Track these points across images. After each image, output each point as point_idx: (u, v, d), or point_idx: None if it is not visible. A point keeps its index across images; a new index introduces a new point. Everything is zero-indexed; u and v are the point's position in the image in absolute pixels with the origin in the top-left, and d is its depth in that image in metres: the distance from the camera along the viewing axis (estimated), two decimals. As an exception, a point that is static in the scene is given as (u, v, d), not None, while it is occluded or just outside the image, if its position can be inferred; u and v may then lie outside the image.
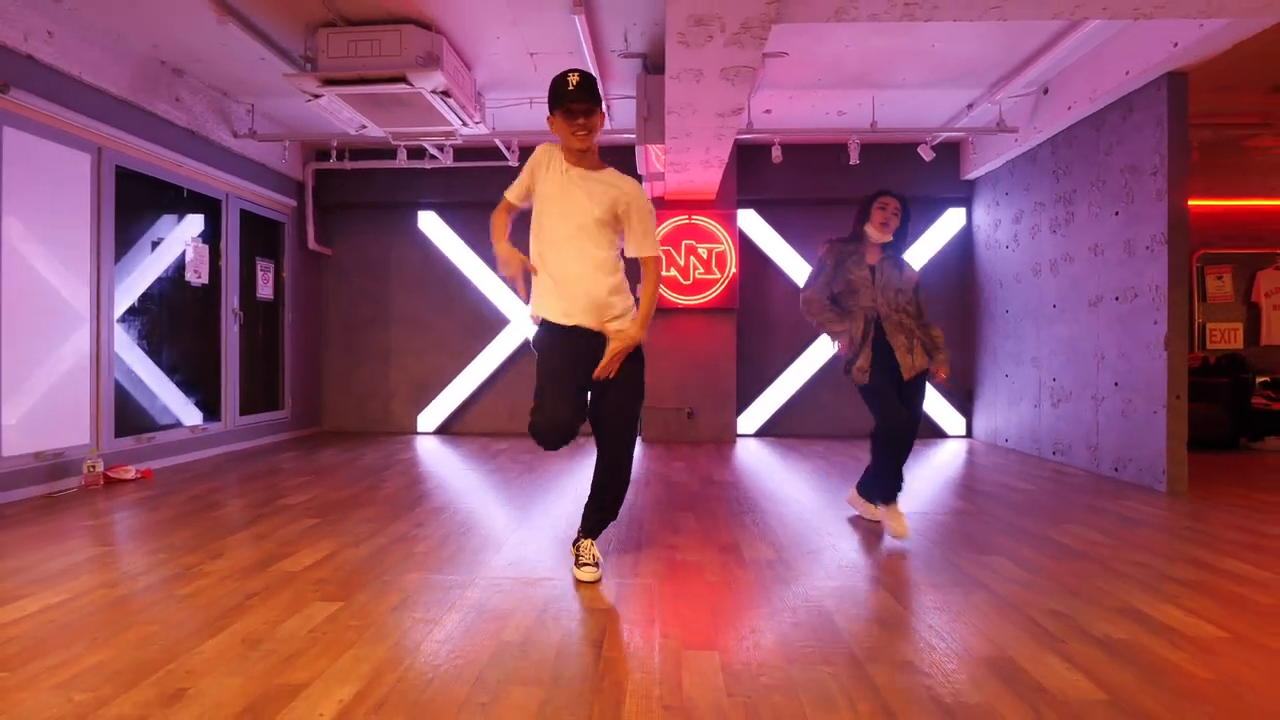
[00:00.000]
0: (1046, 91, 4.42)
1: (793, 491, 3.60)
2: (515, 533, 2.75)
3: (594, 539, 2.26)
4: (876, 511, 2.97)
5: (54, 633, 1.75)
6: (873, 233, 2.76)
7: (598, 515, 2.25)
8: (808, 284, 2.85)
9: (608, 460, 2.19)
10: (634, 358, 2.17)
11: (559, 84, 2.04)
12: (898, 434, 2.68)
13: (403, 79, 3.58)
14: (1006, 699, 1.44)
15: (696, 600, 2.02)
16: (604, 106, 2.08)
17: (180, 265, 4.53)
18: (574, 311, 2.11)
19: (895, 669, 1.57)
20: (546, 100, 2.10)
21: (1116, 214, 3.94)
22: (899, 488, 2.71)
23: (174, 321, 4.55)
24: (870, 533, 2.78)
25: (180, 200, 4.53)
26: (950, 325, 5.81)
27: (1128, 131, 3.82)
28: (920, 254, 5.77)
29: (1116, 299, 3.94)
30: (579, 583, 2.16)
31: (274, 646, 1.67)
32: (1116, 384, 3.94)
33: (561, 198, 2.11)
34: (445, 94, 3.78)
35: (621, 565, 2.33)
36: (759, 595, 2.06)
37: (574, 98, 2.01)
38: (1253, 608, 1.97)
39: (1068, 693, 1.47)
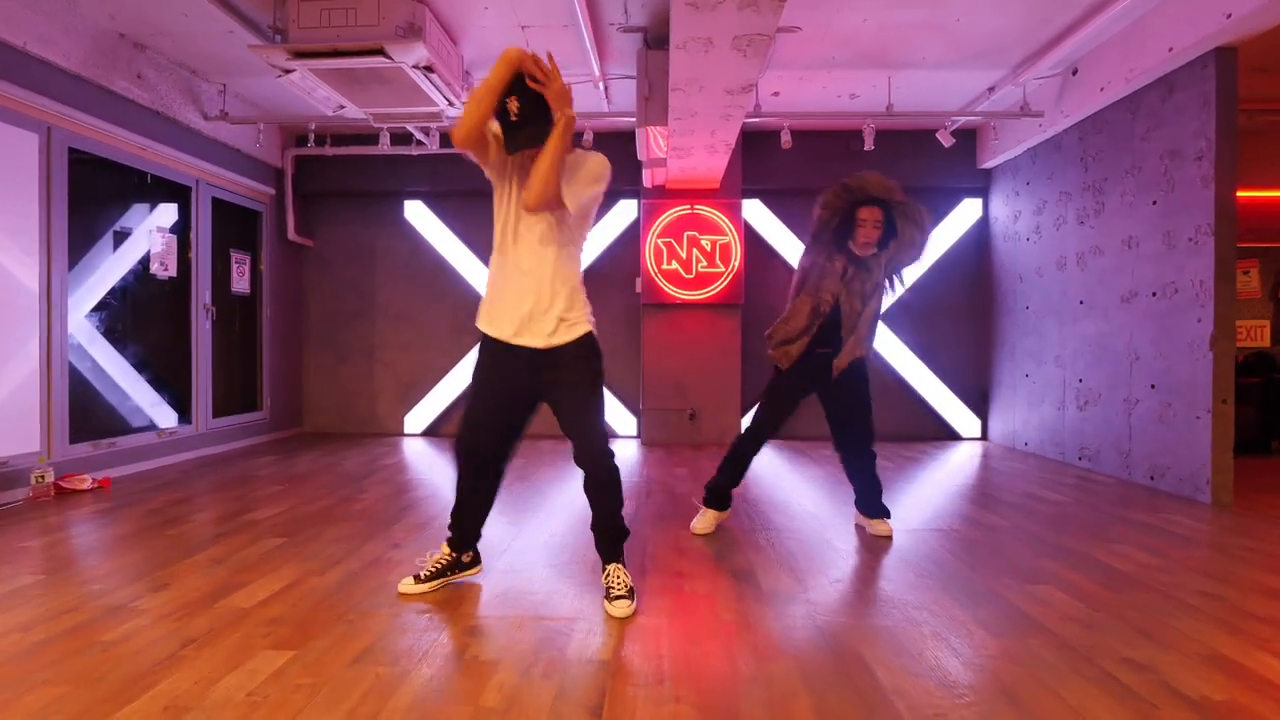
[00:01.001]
0: (1075, 72, 4.13)
1: (806, 503, 3.32)
2: (504, 555, 2.46)
3: (620, 562, 2.02)
4: (883, 526, 2.76)
5: (-60, 697, 1.45)
6: (856, 250, 2.64)
7: (608, 537, 2.02)
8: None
9: (585, 473, 2.01)
10: (584, 353, 1.96)
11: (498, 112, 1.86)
12: (760, 441, 2.75)
13: (381, 51, 3.26)
14: (1106, 793, 1.16)
15: (711, 646, 1.73)
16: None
17: (145, 257, 4.20)
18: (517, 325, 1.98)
19: (960, 746, 1.29)
20: None
21: (1154, 203, 3.66)
22: (728, 499, 2.80)
23: (140, 318, 4.23)
24: (898, 557, 2.50)
25: (145, 187, 4.20)
26: (965, 322, 5.54)
27: (1169, 113, 3.53)
28: (934, 247, 5.48)
29: (1153, 295, 3.66)
30: (610, 618, 1.91)
31: (203, 716, 1.37)
32: (1153, 386, 3.67)
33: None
34: (428, 69, 3.46)
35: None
36: (784, 640, 1.77)
37: (511, 131, 1.85)
38: (1357, 654, 1.69)
39: (1178, 782, 1.19)
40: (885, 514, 2.80)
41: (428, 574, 2.10)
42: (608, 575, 2.01)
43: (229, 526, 2.81)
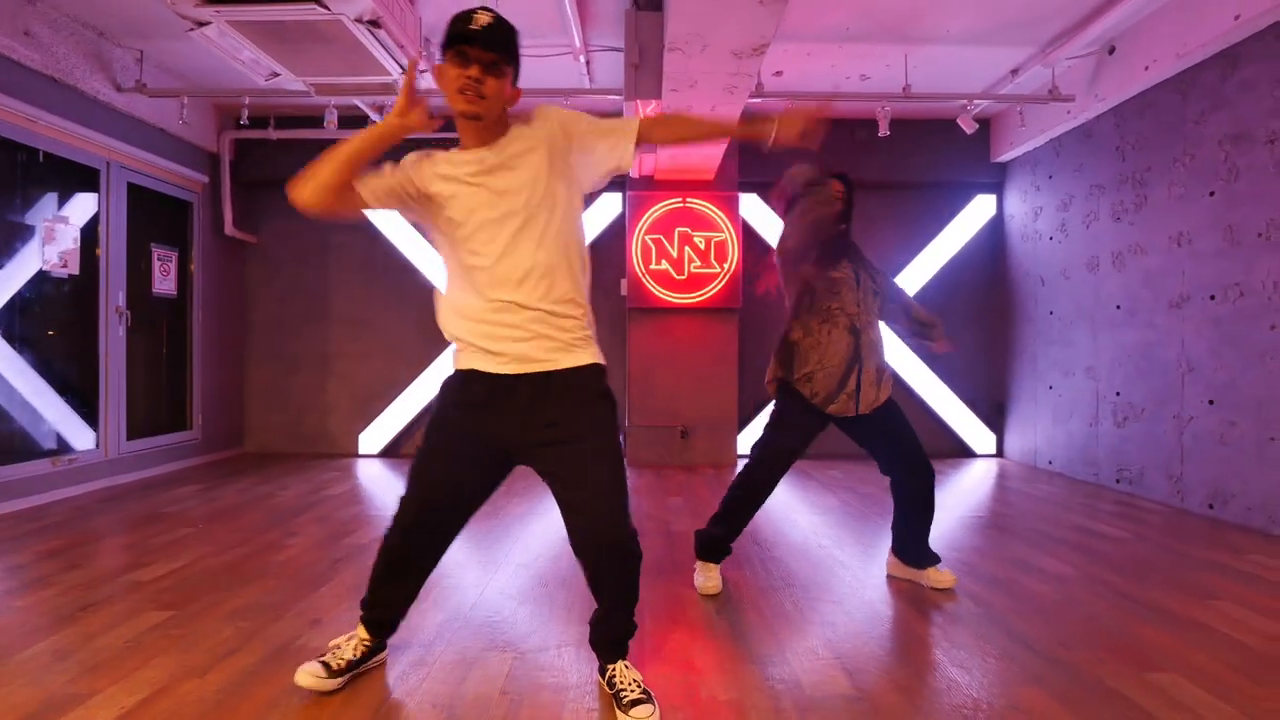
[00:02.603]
0: (1113, 51, 3.71)
1: (830, 545, 2.79)
2: (455, 634, 1.88)
3: (625, 658, 1.52)
4: (939, 577, 2.26)
5: None
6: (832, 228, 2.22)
7: (609, 631, 1.53)
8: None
9: (604, 562, 1.46)
10: (601, 397, 1.47)
11: (459, 19, 1.36)
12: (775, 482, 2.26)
13: (315, 0, 2.67)
14: None
15: (751, 805, 1.18)
16: (516, 73, 1.45)
17: (40, 252, 3.53)
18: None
19: None
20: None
21: (1211, 194, 3.23)
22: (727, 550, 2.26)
23: (27, 322, 3.54)
24: (962, 627, 1.98)
25: (35, 168, 3.52)
26: (976, 329, 5.10)
27: (1231, 93, 3.11)
28: (944, 248, 5.04)
29: (1212, 298, 3.23)
30: None
31: None
32: (1211, 402, 3.23)
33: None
34: (374, 24, 2.87)
35: (614, 713, 1.48)
36: (852, 786, 1.23)
37: (472, 37, 1.34)
38: None
39: None
40: (936, 559, 2.29)
41: (339, 665, 1.54)
42: (612, 676, 1.48)
43: (103, 592, 2.18)
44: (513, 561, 2.53)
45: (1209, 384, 3.25)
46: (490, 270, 1.41)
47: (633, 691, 1.43)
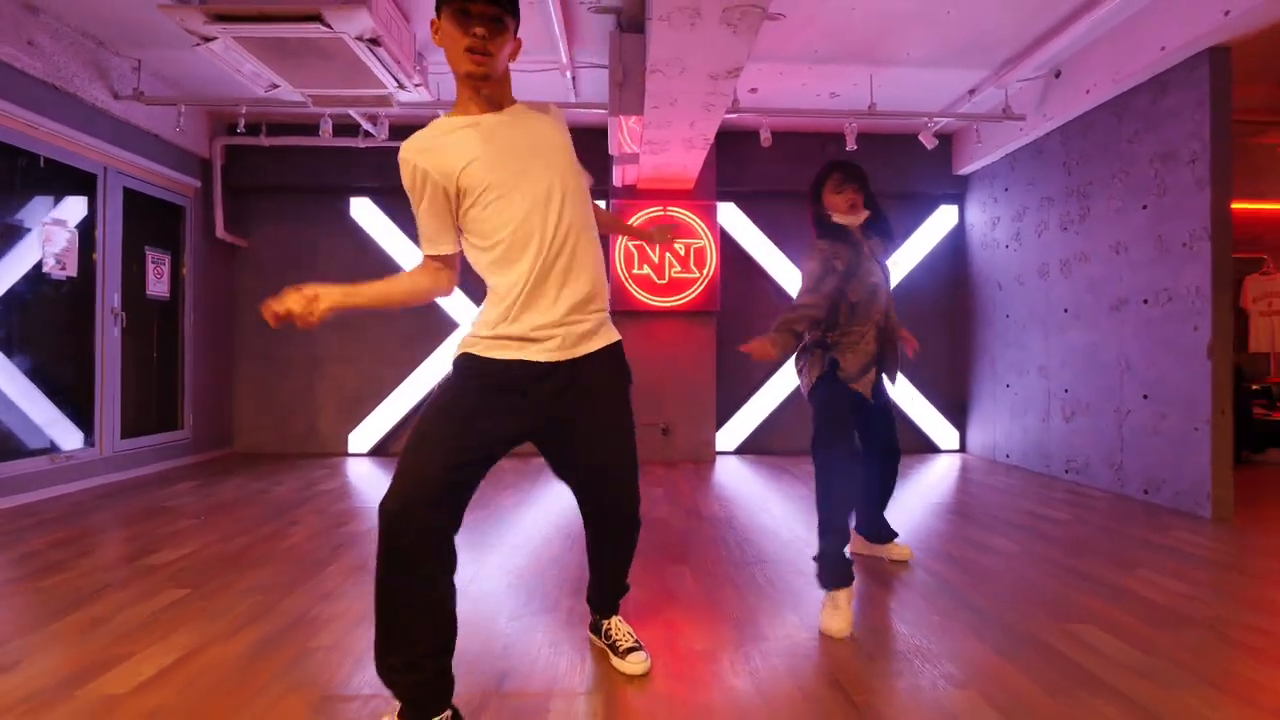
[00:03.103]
0: (1058, 75, 4.03)
1: (798, 529, 3.02)
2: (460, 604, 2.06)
3: (618, 614, 1.72)
4: (898, 550, 2.52)
5: None
6: (844, 219, 2.16)
7: (607, 592, 1.71)
8: (809, 289, 2.07)
9: (615, 526, 1.61)
10: (621, 381, 1.57)
11: None
12: (854, 465, 2.10)
13: (317, 18, 2.84)
14: None
15: (723, 727, 1.39)
16: (517, 24, 1.38)
17: (39, 254, 3.62)
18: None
19: None
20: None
21: (1144, 208, 3.55)
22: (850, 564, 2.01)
23: (30, 324, 3.63)
24: (912, 592, 2.22)
25: (36, 172, 3.62)
26: (940, 331, 5.40)
27: (1159, 116, 3.43)
28: (910, 255, 5.34)
29: (1145, 302, 3.54)
30: (629, 676, 1.58)
31: None
32: (1146, 396, 3.54)
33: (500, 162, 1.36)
34: (374, 42, 3.05)
35: (606, 665, 1.68)
36: (805, 712, 1.44)
37: None
38: None
39: None
40: (894, 534, 2.54)
41: None
42: (607, 630, 1.68)
43: (119, 575, 2.32)
44: (506, 543, 2.72)
45: (1143, 380, 3.55)
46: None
47: (627, 641, 1.63)
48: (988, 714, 1.44)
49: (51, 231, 3.69)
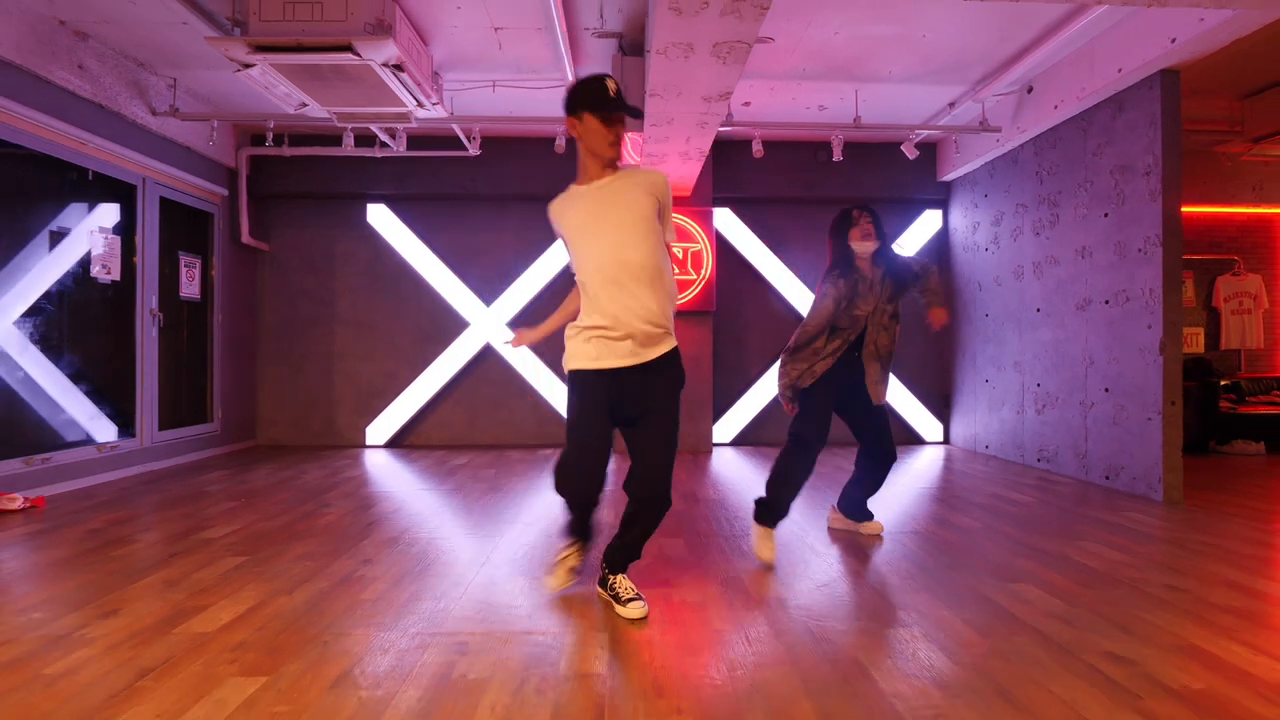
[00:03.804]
0: (1031, 90, 4.32)
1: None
2: (483, 568, 2.37)
3: (625, 573, 2.04)
4: (871, 525, 2.83)
5: None
6: (859, 247, 2.60)
7: (623, 553, 2.03)
8: (816, 313, 2.59)
9: (648, 493, 1.95)
10: (674, 380, 1.98)
11: (598, 89, 1.87)
12: (812, 454, 2.55)
13: (349, 48, 3.15)
14: (1111, 789, 1.17)
15: (707, 657, 1.69)
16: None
17: (85, 259, 3.94)
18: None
19: (966, 749, 1.29)
20: (570, 102, 1.91)
21: (1106, 215, 3.84)
22: (783, 513, 2.57)
23: (79, 324, 3.95)
24: (879, 560, 2.52)
25: (85, 184, 3.94)
26: (927, 329, 5.68)
27: (1119, 131, 3.72)
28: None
29: (1106, 302, 3.84)
30: (598, 630, 1.86)
31: (168, 753, 1.26)
32: (1107, 389, 3.83)
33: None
34: (398, 68, 3.36)
35: (612, 612, 1.99)
36: (778, 646, 1.75)
37: (616, 105, 1.86)
38: (1317, 641, 1.78)
39: (1176, 774, 1.21)
40: (871, 516, 2.84)
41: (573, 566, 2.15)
42: (613, 584, 2.00)
43: (181, 546, 2.63)
44: (520, 521, 3.03)
45: (1105, 374, 3.85)
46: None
47: (629, 593, 1.94)
48: (924, 647, 1.75)
49: (99, 239, 4.00)
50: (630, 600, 1.93)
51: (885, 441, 2.73)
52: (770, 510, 2.53)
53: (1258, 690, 1.52)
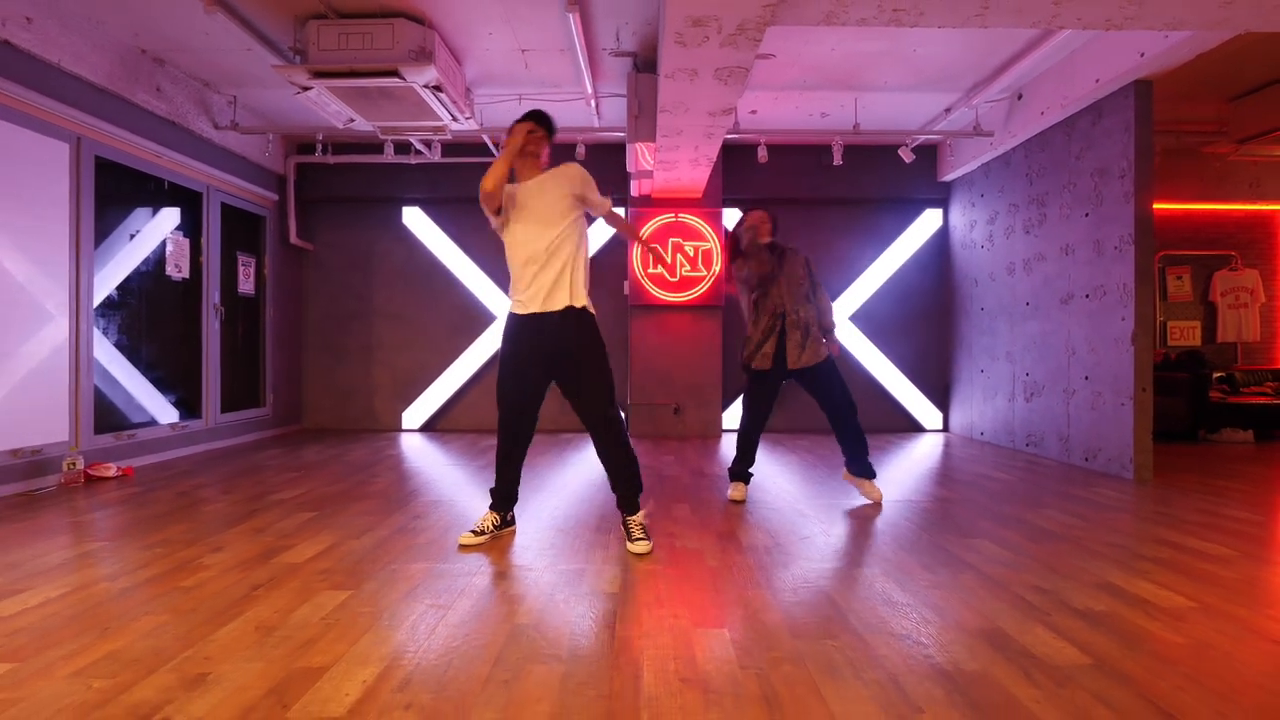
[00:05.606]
0: (1020, 97, 4.60)
1: (782, 483, 3.69)
2: (517, 521, 2.78)
3: (636, 512, 2.47)
4: (871, 490, 3.17)
5: (61, 624, 1.73)
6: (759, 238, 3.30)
7: (628, 489, 2.45)
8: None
9: (607, 439, 2.43)
10: (592, 340, 2.44)
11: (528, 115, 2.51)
12: (756, 431, 3.23)
13: (395, 73, 3.58)
14: (1000, 665, 1.54)
15: (701, 583, 2.08)
16: (549, 146, 2.56)
17: (160, 259, 4.44)
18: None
19: (895, 641, 1.66)
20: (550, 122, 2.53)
21: (1086, 215, 4.12)
22: (747, 472, 3.25)
23: (153, 316, 4.46)
24: (861, 520, 2.88)
25: (160, 192, 4.44)
26: (928, 323, 5.99)
27: (1098, 136, 4.00)
28: (900, 254, 5.93)
29: (1087, 296, 4.12)
30: (615, 565, 2.26)
31: (289, 633, 1.68)
32: (1086, 378, 4.12)
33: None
34: (437, 89, 3.78)
35: (624, 553, 2.39)
36: (759, 577, 2.13)
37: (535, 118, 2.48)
38: (1218, 581, 2.11)
39: (1055, 658, 1.57)
40: (872, 474, 3.19)
41: (482, 529, 2.55)
42: (627, 524, 2.43)
43: (259, 505, 3.09)
44: (547, 489, 3.44)
45: (1084, 364, 4.14)
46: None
47: (638, 532, 2.35)
48: (880, 580, 2.11)
49: (171, 241, 4.50)
50: (639, 539, 2.33)
51: (837, 395, 3.15)
52: (734, 468, 3.26)
53: (1149, 613, 1.86)
